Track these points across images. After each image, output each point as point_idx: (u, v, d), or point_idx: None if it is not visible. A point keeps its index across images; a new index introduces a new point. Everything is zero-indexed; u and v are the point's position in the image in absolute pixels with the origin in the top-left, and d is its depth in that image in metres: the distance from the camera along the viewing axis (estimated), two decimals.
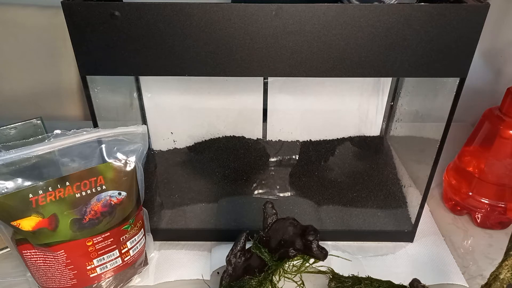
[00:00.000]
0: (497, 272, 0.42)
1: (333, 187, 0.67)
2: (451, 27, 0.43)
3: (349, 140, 0.75)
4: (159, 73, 0.47)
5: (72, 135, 0.48)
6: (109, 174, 0.49)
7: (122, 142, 0.50)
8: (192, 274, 0.57)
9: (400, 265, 0.59)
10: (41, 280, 0.50)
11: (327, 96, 0.66)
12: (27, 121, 0.60)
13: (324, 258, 0.51)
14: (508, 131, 0.59)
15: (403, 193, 0.67)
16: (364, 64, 0.46)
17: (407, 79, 0.69)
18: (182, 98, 0.66)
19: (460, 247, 0.62)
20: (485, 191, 0.63)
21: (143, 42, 0.44)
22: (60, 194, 0.46)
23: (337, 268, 0.56)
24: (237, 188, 0.67)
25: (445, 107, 0.51)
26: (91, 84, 0.50)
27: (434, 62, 0.46)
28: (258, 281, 0.51)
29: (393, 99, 0.72)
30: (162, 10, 0.43)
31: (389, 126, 0.75)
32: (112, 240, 0.50)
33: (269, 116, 0.68)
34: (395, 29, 0.44)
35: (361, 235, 0.62)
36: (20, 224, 0.45)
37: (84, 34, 0.44)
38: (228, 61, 0.45)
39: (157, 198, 0.66)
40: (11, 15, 0.87)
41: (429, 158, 0.55)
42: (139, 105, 0.68)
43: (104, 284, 0.52)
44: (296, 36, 0.44)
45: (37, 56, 0.90)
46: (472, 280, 0.57)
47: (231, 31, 0.44)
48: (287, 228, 0.51)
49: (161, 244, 0.62)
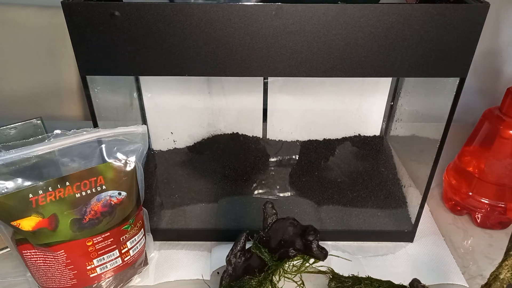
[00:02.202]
0: (497, 272, 0.42)
1: (333, 187, 0.67)
2: (451, 27, 0.43)
3: (349, 140, 0.75)
4: (159, 73, 0.47)
5: (72, 135, 0.48)
6: (109, 174, 0.49)
7: (122, 142, 0.50)
8: (192, 274, 0.57)
9: (400, 265, 0.59)
10: (41, 280, 0.50)
11: (327, 96, 0.66)
12: (27, 121, 0.60)
13: (324, 258, 0.51)
14: (508, 131, 0.59)
15: (403, 193, 0.67)
16: (364, 64, 0.46)
17: (407, 79, 0.69)
18: (182, 98, 0.66)
19: (460, 247, 0.62)
20: (485, 191, 0.63)
21: (143, 42, 0.44)
22: (60, 194, 0.46)
23: (337, 268, 0.56)
24: (237, 188, 0.67)
25: (445, 107, 0.51)
26: (91, 84, 0.50)
27: (434, 62, 0.46)
28: (258, 281, 0.51)
29: (393, 99, 0.72)
30: (162, 10, 0.42)
31: (389, 126, 0.75)
32: (112, 240, 0.50)
33: (269, 116, 0.68)
34: (395, 29, 0.44)
35: (361, 235, 0.62)
36: (20, 224, 0.45)
37: (84, 34, 0.44)
38: (228, 61, 0.45)
39: (157, 198, 0.66)
40: (11, 15, 0.88)
41: (429, 158, 0.55)
42: (139, 105, 0.68)
43: (104, 284, 0.52)
44: (296, 36, 0.44)
45: (37, 56, 0.90)
46: (472, 280, 0.57)
47: (231, 31, 0.44)
48: (287, 228, 0.51)
49: (161, 244, 0.62)
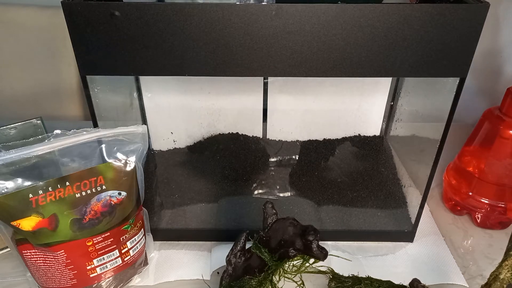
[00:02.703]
0: (497, 272, 0.42)
1: (333, 187, 0.67)
2: (451, 27, 0.43)
3: (349, 140, 0.75)
4: (159, 73, 0.47)
5: (72, 135, 0.48)
6: (109, 174, 0.49)
7: (122, 142, 0.50)
8: (192, 274, 0.57)
9: (400, 265, 0.59)
10: (41, 280, 0.50)
11: (327, 96, 0.66)
12: (27, 121, 0.60)
13: (324, 258, 0.51)
14: (508, 131, 0.59)
15: (403, 193, 0.67)
16: (364, 64, 0.46)
17: (407, 79, 0.69)
18: (182, 98, 0.66)
19: (460, 247, 0.62)
20: (485, 191, 0.63)
21: (143, 42, 0.44)
22: (60, 194, 0.46)
23: (337, 268, 0.56)
24: (237, 188, 0.67)
25: (445, 107, 0.51)
26: (91, 84, 0.50)
27: (434, 62, 0.46)
28: (258, 281, 0.51)
29: (393, 99, 0.72)
30: (162, 10, 0.42)
31: (389, 126, 0.75)
32: (112, 240, 0.50)
33: (269, 116, 0.68)
34: (395, 29, 0.44)
35: (361, 235, 0.62)
36: (20, 224, 0.45)
37: (84, 34, 0.44)
38: (228, 61, 0.45)
39: (157, 198, 0.66)
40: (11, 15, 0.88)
41: (429, 158, 0.55)
42: (139, 105, 0.68)
43: (104, 284, 0.52)
44: (296, 36, 0.44)
45: (37, 56, 0.90)
46: (472, 280, 0.57)
47: (231, 31, 0.44)
48: (287, 228, 0.51)
49: (161, 244, 0.62)
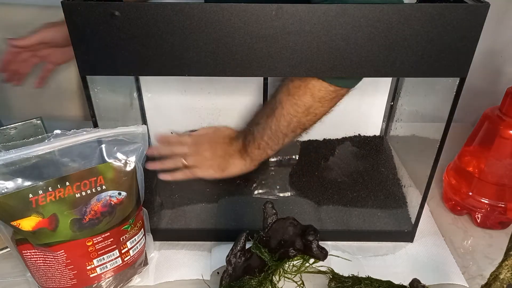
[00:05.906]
0: (497, 272, 0.42)
1: (333, 187, 0.67)
2: (451, 27, 0.43)
3: (349, 140, 0.75)
4: (159, 73, 0.47)
5: (72, 135, 0.48)
6: (109, 174, 0.49)
7: (122, 142, 0.50)
8: (192, 274, 0.57)
9: (400, 265, 0.59)
10: (41, 280, 0.50)
11: None
12: (27, 121, 0.60)
13: (324, 258, 0.51)
14: (508, 131, 0.59)
15: (403, 193, 0.67)
16: (364, 64, 0.46)
17: (407, 79, 0.69)
18: (182, 98, 0.66)
19: (460, 247, 0.62)
20: (485, 191, 0.63)
21: (143, 42, 0.44)
22: (60, 194, 0.46)
23: (337, 268, 0.56)
24: (237, 188, 0.67)
25: (445, 107, 0.51)
26: (91, 84, 0.50)
27: (434, 62, 0.46)
28: (258, 281, 0.51)
29: (393, 99, 0.73)
30: (162, 10, 0.42)
31: (389, 126, 0.75)
32: (112, 240, 0.50)
33: None
34: (395, 29, 0.44)
35: (361, 235, 0.62)
36: (20, 224, 0.45)
37: (84, 34, 0.44)
38: (228, 61, 0.45)
39: (157, 198, 0.66)
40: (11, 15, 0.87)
41: (429, 158, 0.55)
42: (139, 105, 0.68)
43: (104, 284, 0.52)
44: (296, 36, 0.44)
45: None
46: (472, 280, 0.57)
47: (231, 31, 0.44)
48: (287, 228, 0.52)
49: (161, 244, 0.62)
